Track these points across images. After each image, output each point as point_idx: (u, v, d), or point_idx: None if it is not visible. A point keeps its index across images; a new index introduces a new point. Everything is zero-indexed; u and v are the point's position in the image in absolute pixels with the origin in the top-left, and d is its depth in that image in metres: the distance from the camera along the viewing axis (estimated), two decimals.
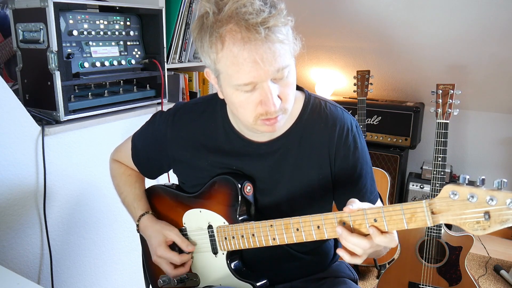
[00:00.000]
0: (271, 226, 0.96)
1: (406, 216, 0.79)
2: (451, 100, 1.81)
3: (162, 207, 1.22)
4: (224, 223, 1.06)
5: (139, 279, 1.36)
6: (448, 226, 2.06)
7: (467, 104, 2.87)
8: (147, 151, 1.21)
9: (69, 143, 1.57)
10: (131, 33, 1.80)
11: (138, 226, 1.20)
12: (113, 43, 1.73)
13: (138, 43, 1.84)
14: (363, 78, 2.46)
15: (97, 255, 1.76)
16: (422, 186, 2.74)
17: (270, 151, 1.04)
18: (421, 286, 1.93)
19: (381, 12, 2.55)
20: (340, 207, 1.07)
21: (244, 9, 0.82)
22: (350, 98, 3.05)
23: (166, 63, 1.98)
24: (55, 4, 1.42)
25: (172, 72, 2.27)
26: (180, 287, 1.14)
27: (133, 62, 1.80)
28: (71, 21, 1.55)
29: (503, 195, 0.68)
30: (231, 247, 1.05)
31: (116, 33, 1.73)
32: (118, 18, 1.73)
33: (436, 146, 1.84)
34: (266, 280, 1.07)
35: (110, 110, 1.71)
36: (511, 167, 2.91)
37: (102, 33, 1.67)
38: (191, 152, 1.11)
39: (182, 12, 2.12)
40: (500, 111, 2.87)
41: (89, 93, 1.66)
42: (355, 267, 2.46)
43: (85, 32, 1.59)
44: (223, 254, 1.09)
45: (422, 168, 2.78)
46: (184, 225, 1.16)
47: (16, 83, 1.62)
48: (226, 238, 1.05)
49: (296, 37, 0.90)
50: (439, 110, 1.84)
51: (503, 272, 2.49)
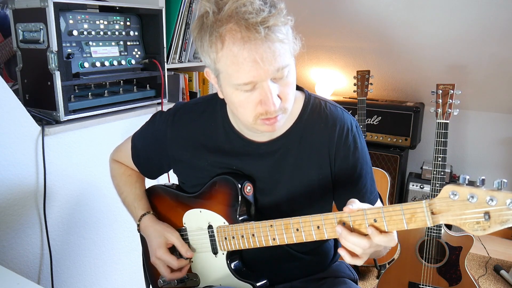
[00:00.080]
0: (271, 226, 0.96)
1: (406, 217, 0.79)
2: (451, 100, 1.81)
3: (162, 207, 1.22)
4: (224, 223, 1.06)
5: (139, 279, 1.36)
6: (448, 226, 2.06)
7: (467, 104, 2.87)
8: (147, 151, 1.20)
9: (69, 143, 1.57)
10: (131, 33, 1.80)
11: (139, 226, 1.20)
12: (113, 43, 1.73)
13: (138, 43, 1.84)
14: (363, 78, 2.46)
15: (97, 255, 1.76)
16: (422, 186, 2.74)
17: (270, 151, 1.04)
18: (421, 286, 1.93)
19: (381, 12, 2.55)
20: (340, 207, 1.06)
21: (244, 8, 0.82)
22: (350, 98, 3.05)
23: (166, 63, 1.98)
24: (55, 4, 1.42)
25: (172, 72, 2.27)
26: (180, 287, 1.14)
27: (133, 62, 1.80)
28: (71, 21, 1.55)
29: (503, 196, 0.68)
30: (231, 247, 1.05)
31: (116, 33, 1.73)
32: (118, 18, 1.73)
33: (436, 146, 1.84)
34: (266, 280, 1.07)
35: (110, 110, 1.71)
36: (511, 167, 2.91)
37: (102, 33, 1.67)
38: (191, 152, 1.11)
39: (182, 12, 2.12)
40: (500, 111, 2.87)
41: (89, 93, 1.66)
42: (355, 267, 2.46)
43: (85, 32, 1.59)
44: (223, 254, 1.09)
45: (422, 168, 2.78)
46: (184, 225, 1.16)
47: (16, 83, 1.62)
48: (226, 238, 1.05)
49: (296, 36, 0.90)
50: (439, 110, 1.84)
51: (503, 272, 2.48)
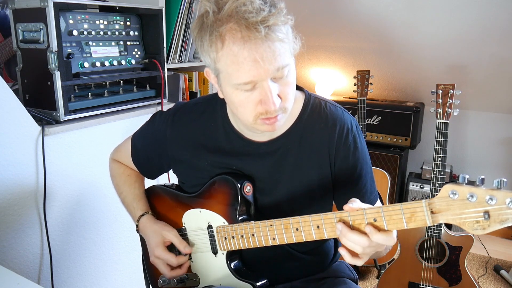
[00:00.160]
0: (271, 226, 0.96)
1: (406, 216, 0.79)
2: (451, 100, 1.81)
3: (162, 207, 1.22)
4: (223, 223, 1.06)
5: (139, 279, 1.36)
6: (448, 226, 2.06)
7: (467, 104, 2.87)
8: (147, 151, 1.20)
9: (69, 143, 1.57)
10: (131, 33, 1.80)
11: (137, 226, 1.20)
12: (113, 43, 1.73)
13: (138, 43, 1.84)
14: (363, 78, 2.46)
15: (97, 255, 1.76)
16: (422, 186, 2.74)
17: (270, 151, 1.04)
18: (421, 286, 1.92)
19: (381, 12, 2.55)
20: (340, 207, 1.06)
21: (244, 8, 0.82)
22: (350, 98, 3.05)
23: (166, 63, 1.98)
24: (55, 4, 1.42)
25: (172, 72, 2.27)
26: (180, 287, 1.14)
27: (133, 62, 1.80)
28: (71, 21, 1.55)
29: (503, 195, 0.68)
30: (231, 247, 1.05)
31: (116, 33, 1.73)
32: (118, 18, 1.73)
33: (436, 146, 1.84)
34: (266, 280, 1.07)
35: (110, 110, 1.71)
36: (511, 167, 2.91)
37: (102, 33, 1.67)
38: (191, 152, 1.11)
39: (182, 12, 2.12)
40: (500, 111, 2.87)
41: (89, 93, 1.66)
42: (355, 267, 2.46)
43: (85, 32, 1.59)
44: (223, 254, 1.09)
45: (422, 168, 2.78)
46: (184, 225, 1.15)
47: (16, 83, 1.62)
48: (226, 238, 1.05)
49: (296, 36, 0.90)
50: (439, 110, 1.84)
51: (503, 272, 2.48)
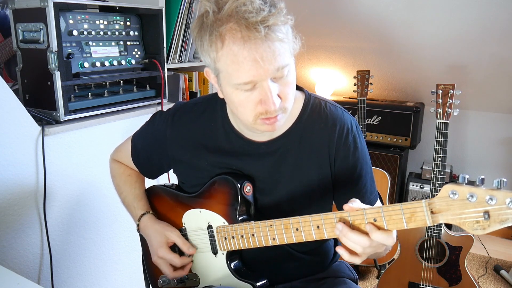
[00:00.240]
0: (271, 226, 0.96)
1: (406, 216, 0.79)
2: (451, 100, 1.81)
3: (162, 207, 1.22)
4: (223, 223, 1.06)
5: (139, 279, 1.36)
6: (448, 226, 2.06)
7: (467, 104, 2.87)
8: (147, 151, 1.20)
9: (69, 143, 1.57)
10: (131, 33, 1.80)
11: (138, 226, 1.20)
12: (113, 43, 1.73)
13: (138, 43, 1.84)
14: (363, 78, 2.46)
15: (97, 255, 1.76)
16: (422, 186, 2.74)
17: (270, 151, 1.04)
18: (421, 286, 1.92)
19: (381, 12, 2.55)
20: (340, 207, 1.06)
21: (244, 7, 0.82)
22: (350, 98, 3.05)
23: (166, 63, 1.98)
24: (55, 4, 1.42)
25: (172, 72, 2.27)
26: (180, 287, 1.14)
27: (133, 62, 1.80)
28: (71, 21, 1.55)
29: (503, 195, 0.68)
30: (231, 247, 1.05)
31: (116, 33, 1.73)
32: (118, 18, 1.73)
33: (436, 146, 1.84)
34: (266, 280, 1.07)
35: (110, 110, 1.71)
36: (511, 167, 2.91)
37: (102, 33, 1.67)
38: (191, 152, 1.11)
39: (182, 12, 2.12)
40: (500, 111, 2.87)
41: (89, 93, 1.66)
42: (355, 267, 2.46)
43: (85, 32, 1.59)
44: (223, 254, 1.09)
45: (422, 168, 2.78)
46: (183, 225, 1.15)
47: (16, 83, 1.62)
48: (226, 238, 1.05)
49: (296, 36, 0.90)
50: (439, 110, 1.84)
51: (503, 272, 2.48)
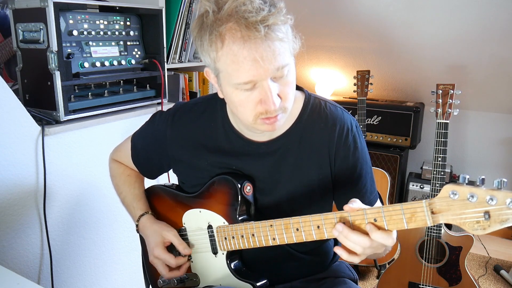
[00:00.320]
0: (271, 226, 0.96)
1: (406, 216, 0.79)
2: (451, 100, 1.81)
3: (162, 207, 1.22)
4: (224, 223, 1.06)
5: (139, 279, 1.36)
6: (448, 226, 2.06)
7: (467, 104, 2.87)
8: (146, 151, 1.20)
9: (69, 143, 1.57)
10: (131, 33, 1.80)
11: (137, 226, 1.20)
12: (113, 43, 1.73)
13: (138, 43, 1.84)
14: (363, 78, 2.46)
15: (97, 255, 1.76)
16: (422, 186, 2.74)
17: (270, 151, 1.04)
18: (421, 286, 1.92)
19: (381, 12, 2.55)
20: (340, 207, 1.06)
21: (244, 7, 0.82)
22: (350, 98, 3.05)
23: (166, 63, 1.98)
24: (55, 4, 1.42)
25: (172, 72, 2.27)
26: (180, 287, 1.14)
27: (133, 62, 1.80)
28: (71, 21, 1.55)
29: (503, 195, 0.68)
30: (231, 247, 1.05)
31: (116, 33, 1.73)
32: (118, 18, 1.73)
33: (436, 146, 1.84)
34: (266, 280, 1.07)
35: (110, 110, 1.71)
36: (511, 167, 2.91)
37: (102, 33, 1.67)
38: (191, 152, 1.11)
39: (182, 12, 2.12)
40: (500, 111, 2.87)
41: (89, 93, 1.66)
42: (355, 267, 2.46)
43: (85, 32, 1.59)
44: (223, 254, 1.08)
45: (422, 168, 2.77)
46: (183, 225, 1.15)
47: (16, 83, 1.62)
48: (226, 238, 1.05)
49: (296, 35, 0.90)
50: (439, 110, 1.84)
51: (503, 272, 2.48)
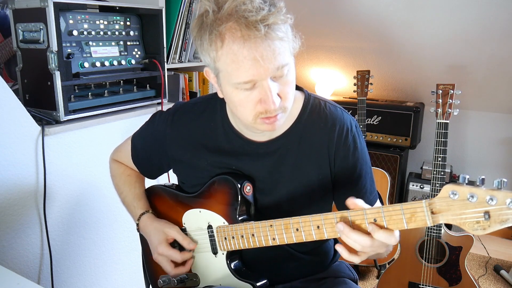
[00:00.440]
0: (271, 226, 0.96)
1: (406, 216, 0.79)
2: (451, 100, 1.81)
3: (162, 207, 1.22)
4: (223, 223, 1.06)
5: (139, 279, 1.36)
6: (448, 226, 2.06)
7: (467, 104, 2.87)
8: (146, 151, 1.20)
9: (69, 143, 1.57)
10: (131, 33, 1.80)
11: (138, 225, 1.20)
12: (113, 43, 1.73)
13: (138, 43, 1.84)
14: (363, 78, 2.46)
15: (97, 255, 1.76)
16: (422, 186, 2.74)
17: (269, 151, 1.04)
18: (421, 286, 1.92)
19: (381, 12, 2.55)
20: (340, 207, 1.06)
21: (244, 6, 0.82)
22: (350, 98, 3.05)
23: (166, 63, 1.98)
24: (55, 4, 1.42)
25: (172, 72, 2.27)
26: (180, 287, 1.14)
27: (133, 62, 1.80)
28: (71, 21, 1.55)
29: (503, 195, 0.68)
30: (231, 247, 1.05)
31: (116, 33, 1.73)
32: (118, 18, 1.73)
33: (436, 146, 1.84)
34: (266, 280, 1.07)
35: (110, 110, 1.71)
36: (511, 167, 2.91)
37: (102, 33, 1.67)
38: (190, 152, 1.11)
39: (182, 12, 2.12)
40: (500, 111, 2.87)
41: (89, 93, 1.66)
42: (355, 267, 2.46)
43: (85, 32, 1.59)
44: (223, 254, 1.08)
45: (422, 168, 2.77)
46: (183, 225, 1.15)
47: (16, 83, 1.62)
48: (226, 238, 1.05)
49: (296, 35, 0.90)
50: (439, 110, 1.84)
51: (503, 272, 2.48)
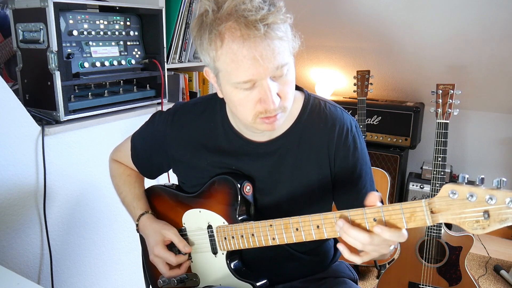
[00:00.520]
0: (271, 226, 0.96)
1: (406, 216, 0.79)
2: (451, 100, 1.81)
3: (162, 207, 1.22)
4: (223, 223, 1.06)
5: (139, 279, 1.36)
6: (448, 226, 2.06)
7: (467, 104, 2.87)
8: (146, 151, 1.21)
9: (69, 143, 1.57)
10: (131, 33, 1.80)
11: (137, 225, 1.20)
12: (113, 43, 1.73)
13: (138, 43, 1.84)
14: (363, 78, 2.46)
15: (97, 255, 1.76)
16: (422, 186, 2.74)
17: (269, 151, 1.04)
18: (421, 286, 1.92)
19: (381, 12, 2.55)
20: (340, 207, 1.07)
21: (243, 6, 0.82)
22: (350, 98, 3.05)
23: (166, 63, 1.98)
24: (55, 4, 1.42)
25: (172, 72, 2.27)
26: (180, 287, 1.14)
27: (133, 62, 1.80)
28: (71, 21, 1.55)
29: (503, 194, 0.68)
30: (231, 247, 1.05)
31: (116, 33, 1.73)
32: (118, 18, 1.73)
33: (436, 146, 1.84)
34: (266, 280, 1.07)
35: (110, 110, 1.71)
36: (511, 167, 2.91)
37: (102, 33, 1.67)
38: (190, 152, 1.11)
39: (182, 12, 2.12)
40: (500, 111, 2.87)
41: (89, 93, 1.66)
42: (355, 267, 2.46)
43: (85, 32, 1.59)
44: (222, 254, 1.08)
45: (422, 168, 2.78)
46: (183, 225, 1.15)
47: (16, 83, 1.62)
48: (225, 238, 1.05)
49: (295, 34, 0.90)
50: (439, 110, 1.84)
51: (503, 272, 2.48)
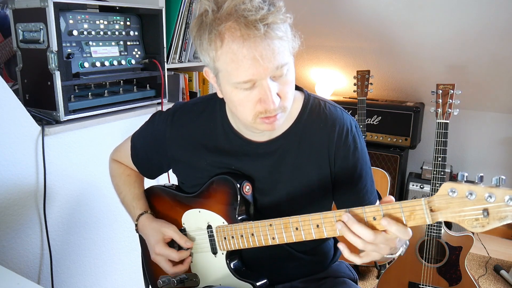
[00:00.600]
0: (271, 225, 0.96)
1: (405, 214, 0.79)
2: (451, 100, 1.81)
3: (161, 207, 1.22)
4: (223, 223, 1.06)
5: (139, 279, 1.36)
6: (448, 226, 2.06)
7: (467, 104, 2.87)
8: (146, 151, 1.21)
9: (69, 143, 1.57)
10: (131, 33, 1.80)
11: (136, 225, 1.20)
12: (113, 43, 1.73)
13: (138, 43, 1.85)
14: (363, 78, 2.46)
15: (97, 255, 1.76)
16: (422, 186, 2.74)
17: (269, 151, 1.04)
18: (421, 286, 1.92)
19: (381, 12, 2.55)
20: (340, 207, 1.06)
21: (243, 6, 0.82)
22: (350, 98, 3.05)
23: (166, 63, 1.98)
24: (55, 4, 1.42)
25: (172, 72, 2.27)
26: (179, 287, 1.14)
27: (133, 62, 1.80)
28: (71, 21, 1.55)
29: (502, 192, 0.68)
30: (231, 247, 1.05)
31: (116, 33, 1.73)
32: (118, 18, 1.73)
33: (436, 146, 1.84)
34: (266, 280, 1.07)
35: (110, 110, 1.71)
36: (511, 167, 2.91)
37: (102, 33, 1.67)
38: (190, 152, 1.11)
39: (182, 12, 2.12)
40: (500, 111, 2.87)
41: (89, 93, 1.66)
42: (355, 267, 2.46)
43: (85, 32, 1.60)
44: (222, 254, 1.08)
45: (422, 168, 2.77)
46: (183, 225, 1.15)
47: (16, 83, 1.62)
48: (225, 238, 1.05)
49: (295, 34, 0.91)
50: (439, 110, 1.84)
51: (503, 272, 2.48)
